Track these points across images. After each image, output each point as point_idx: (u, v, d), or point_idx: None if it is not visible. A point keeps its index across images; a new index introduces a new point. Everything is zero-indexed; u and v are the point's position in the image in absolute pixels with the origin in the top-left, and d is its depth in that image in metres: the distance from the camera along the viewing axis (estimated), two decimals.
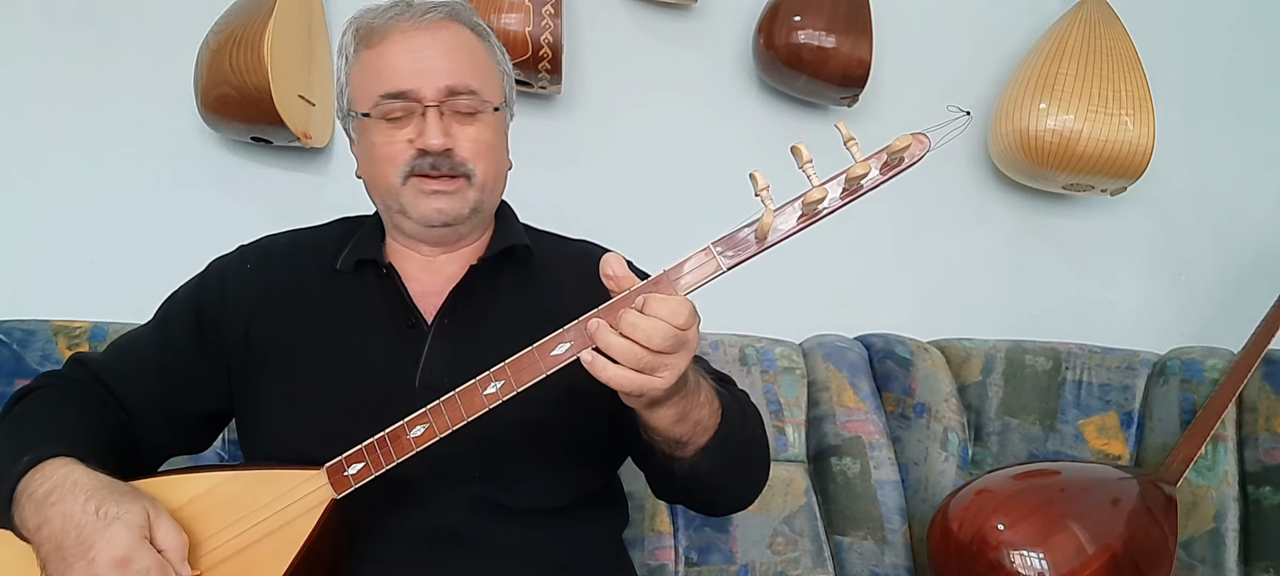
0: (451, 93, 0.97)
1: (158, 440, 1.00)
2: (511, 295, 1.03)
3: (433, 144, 0.95)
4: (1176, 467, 1.44)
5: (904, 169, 0.80)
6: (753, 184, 0.78)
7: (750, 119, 1.83)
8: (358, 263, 1.02)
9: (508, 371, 0.81)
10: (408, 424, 0.83)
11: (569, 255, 1.10)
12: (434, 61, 0.97)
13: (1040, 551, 1.30)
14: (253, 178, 1.61)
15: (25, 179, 1.53)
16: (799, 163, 0.78)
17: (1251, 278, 1.99)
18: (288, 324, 1.01)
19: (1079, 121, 1.71)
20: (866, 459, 1.54)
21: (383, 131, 0.98)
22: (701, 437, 0.88)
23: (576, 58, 1.72)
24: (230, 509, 0.87)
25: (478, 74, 1.00)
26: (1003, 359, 1.66)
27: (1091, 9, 1.82)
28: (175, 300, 1.05)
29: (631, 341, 0.76)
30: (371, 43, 0.98)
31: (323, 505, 0.86)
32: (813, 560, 1.49)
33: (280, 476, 0.87)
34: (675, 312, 0.77)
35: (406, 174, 0.97)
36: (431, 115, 0.96)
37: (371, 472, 0.85)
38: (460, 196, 0.99)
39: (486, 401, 0.81)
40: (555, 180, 1.73)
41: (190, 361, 1.00)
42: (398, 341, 0.99)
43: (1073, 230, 1.98)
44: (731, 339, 1.59)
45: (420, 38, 0.97)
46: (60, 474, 0.82)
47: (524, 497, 0.97)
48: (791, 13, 1.67)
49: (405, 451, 0.84)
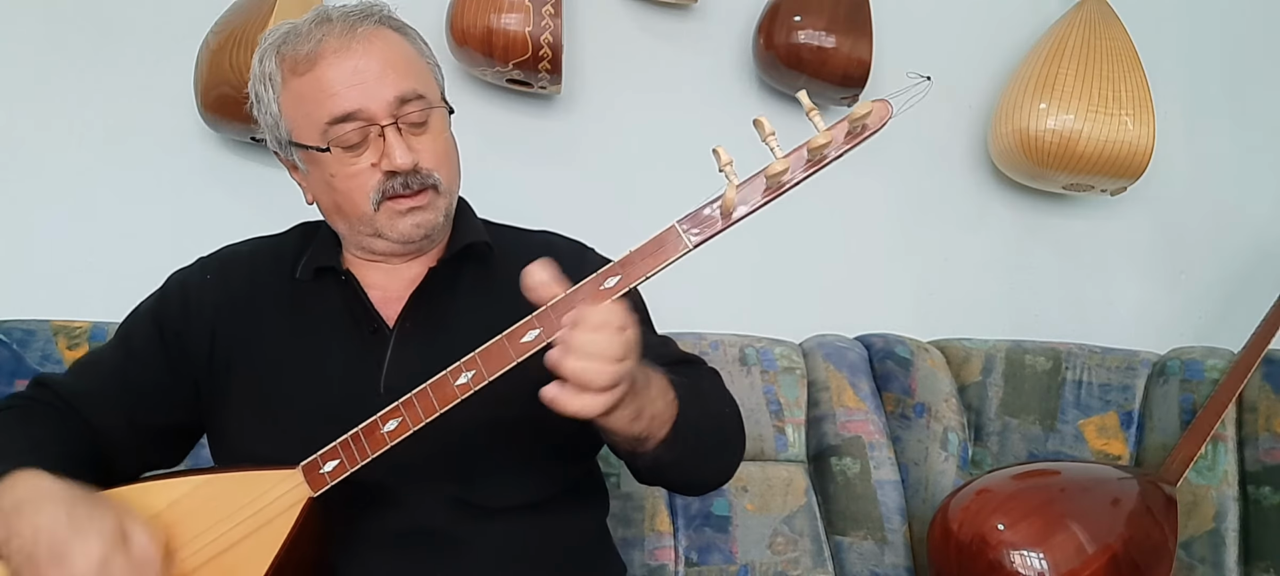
0: (401, 102, 0.93)
1: (128, 459, 0.98)
2: (472, 294, 1.02)
3: (400, 164, 0.92)
4: (1176, 467, 1.44)
5: (867, 136, 0.79)
6: (716, 159, 0.78)
7: (750, 119, 1.82)
8: (317, 270, 1.01)
9: (478, 361, 0.80)
10: (381, 418, 0.83)
11: (530, 247, 1.06)
12: (376, 75, 0.93)
13: (1040, 551, 1.30)
14: (253, 178, 1.61)
15: (25, 179, 1.53)
16: (761, 136, 0.78)
17: (1251, 278, 1.99)
18: (250, 335, 1.00)
19: (1079, 121, 1.71)
20: (866, 459, 1.54)
21: (341, 161, 0.94)
22: (660, 430, 0.87)
23: (576, 58, 1.72)
24: (209, 511, 0.86)
25: (417, 76, 0.97)
26: (1003, 359, 1.66)
27: (1091, 9, 1.82)
28: (137, 316, 1.04)
29: (589, 361, 0.74)
30: (301, 68, 0.94)
31: (300, 503, 0.86)
32: (813, 560, 1.49)
33: (257, 477, 0.87)
34: (611, 315, 0.75)
35: (379, 199, 0.95)
36: (391, 134, 0.92)
37: (347, 469, 0.85)
38: (433, 207, 0.97)
39: (458, 392, 0.81)
40: (555, 180, 1.73)
41: (155, 376, 0.99)
42: (360, 348, 0.98)
43: (1073, 230, 1.98)
44: (731, 339, 1.59)
45: (354, 54, 0.92)
46: (28, 485, 0.80)
47: (498, 496, 0.96)
48: (791, 13, 1.67)
49: (379, 446, 0.83)
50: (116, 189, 1.56)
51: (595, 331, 0.75)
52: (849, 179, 1.91)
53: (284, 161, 1.04)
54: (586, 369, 0.74)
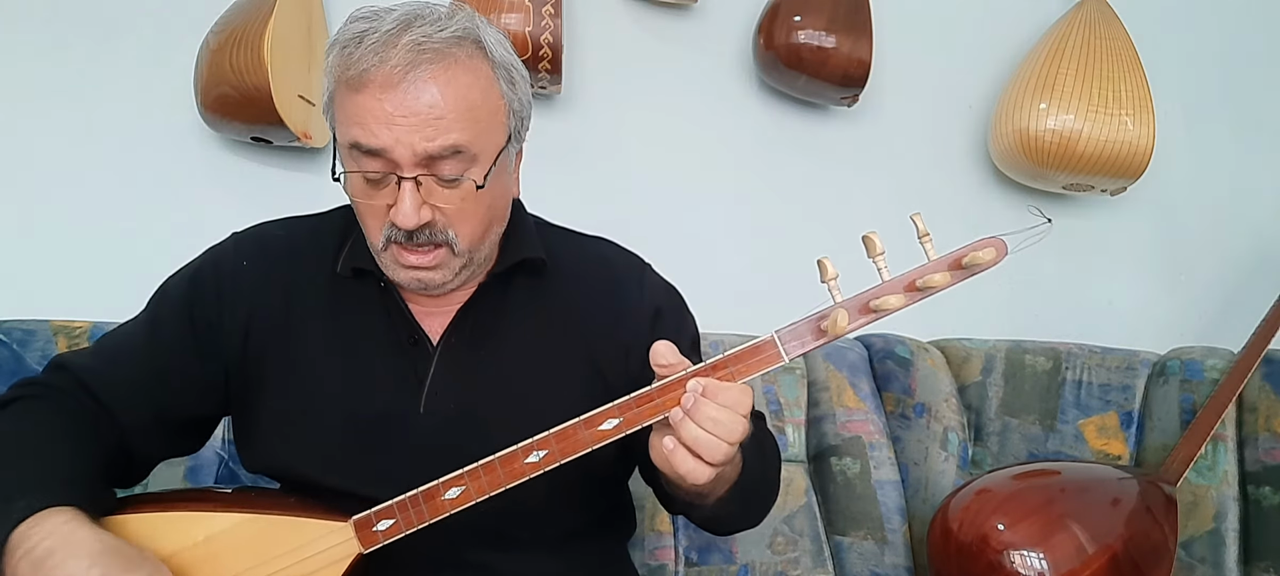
0: (432, 159, 0.84)
1: (150, 447, 0.95)
2: (523, 312, 0.96)
3: (404, 223, 0.85)
4: (1176, 467, 1.44)
5: (976, 274, 0.80)
6: (820, 272, 0.79)
7: (750, 119, 1.83)
8: (355, 270, 0.95)
9: (553, 442, 0.80)
10: (443, 484, 0.81)
11: (587, 262, 1.02)
12: (415, 124, 0.82)
13: (1040, 551, 1.30)
14: (253, 178, 1.61)
15: (25, 179, 1.53)
16: (870, 253, 0.79)
17: (1251, 278, 1.99)
18: (286, 329, 0.95)
19: (1079, 121, 1.71)
20: (866, 459, 1.54)
21: (360, 186, 0.87)
22: (723, 488, 0.88)
23: (576, 58, 1.72)
24: (248, 553, 0.83)
25: (469, 126, 0.85)
26: (1003, 359, 1.66)
27: (1091, 9, 1.82)
28: (167, 297, 0.97)
29: (713, 436, 0.76)
30: (349, 84, 0.84)
31: (348, 559, 0.83)
32: (813, 560, 1.49)
33: (303, 525, 0.84)
34: (740, 402, 0.78)
35: (386, 240, 0.88)
36: (407, 188, 0.84)
37: (402, 530, 0.82)
38: (443, 267, 0.89)
39: (527, 470, 0.80)
40: (555, 180, 1.72)
41: (183, 365, 0.94)
42: (401, 361, 0.93)
43: (1073, 230, 1.98)
44: (732, 339, 1.59)
45: (400, 93, 0.82)
46: (63, 532, 0.75)
47: (537, 529, 0.96)
48: (791, 13, 1.67)
49: (439, 512, 0.82)
50: (116, 189, 1.56)
51: (723, 409, 0.76)
52: (849, 178, 1.92)
53: None
54: (706, 441, 0.76)
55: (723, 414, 0.76)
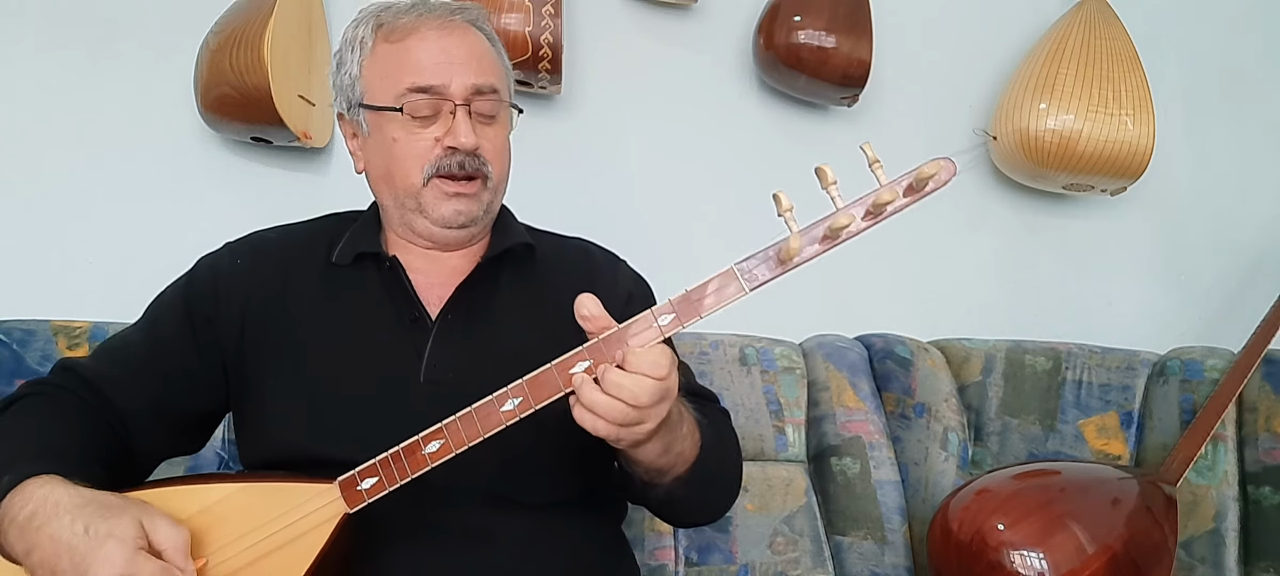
0: (477, 92, 0.99)
1: (152, 445, 0.98)
2: (514, 291, 1.04)
3: (464, 143, 0.97)
4: (1176, 467, 1.44)
5: (928, 193, 0.80)
6: (776, 204, 0.79)
7: (750, 119, 1.82)
8: (357, 256, 1.02)
9: (526, 388, 0.80)
10: (423, 439, 0.82)
11: (568, 252, 1.12)
12: (461, 61, 0.99)
13: (1040, 551, 1.30)
14: (253, 178, 1.61)
15: (25, 179, 1.53)
16: (823, 184, 0.79)
17: (1251, 278, 1.99)
18: (283, 320, 0.99)
19: (1079, 121, 1.71)
20: (866, 459, 1.54)
21: (407, 128, 0.98)
22: (681, 467, 0.91)
23: (576, 58, 1.72)
24: (240, 520, 0.85)
25: (498, 75, 1.03)
26: (1003, 359, 1.66)
27: (1091, 9, 1.82)
28: (164, 300, 1.03)
29: (616, 399, 0.77)
30: (394, 37, 0.99)
31: (335, 519, 0.85)
32: (813, 560, 1.49)
33: (291, 489, 0.86)
34: (656, 366, 0.78)
35: (430, 174, 0.98)
36: (461, 114, 0.97)
37: (385, 487, 0.84)
38: (477, 198, 1.00)
39: (504, 418, 0.81)
40: (555, 180, 1.73)
41: (184, 362, 0.98)
42: (400, 335, 0.98)
43: (1073, 230, 1.98)
44: (731, 339, 1.59)
45: (446, 38, 0.99)
46: (39, 494, 0.79)
47: (534, 492, 0.97)
48: (791, 13, 1.67)
49: (420, 466, 0.83)
50: (116, 189, 1.56)
51: (633, 373, 0.77)
52: (850, 178, 1.92)
53: (345, 126, 1.06)
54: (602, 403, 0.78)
55: (627, 380, 0.77)
